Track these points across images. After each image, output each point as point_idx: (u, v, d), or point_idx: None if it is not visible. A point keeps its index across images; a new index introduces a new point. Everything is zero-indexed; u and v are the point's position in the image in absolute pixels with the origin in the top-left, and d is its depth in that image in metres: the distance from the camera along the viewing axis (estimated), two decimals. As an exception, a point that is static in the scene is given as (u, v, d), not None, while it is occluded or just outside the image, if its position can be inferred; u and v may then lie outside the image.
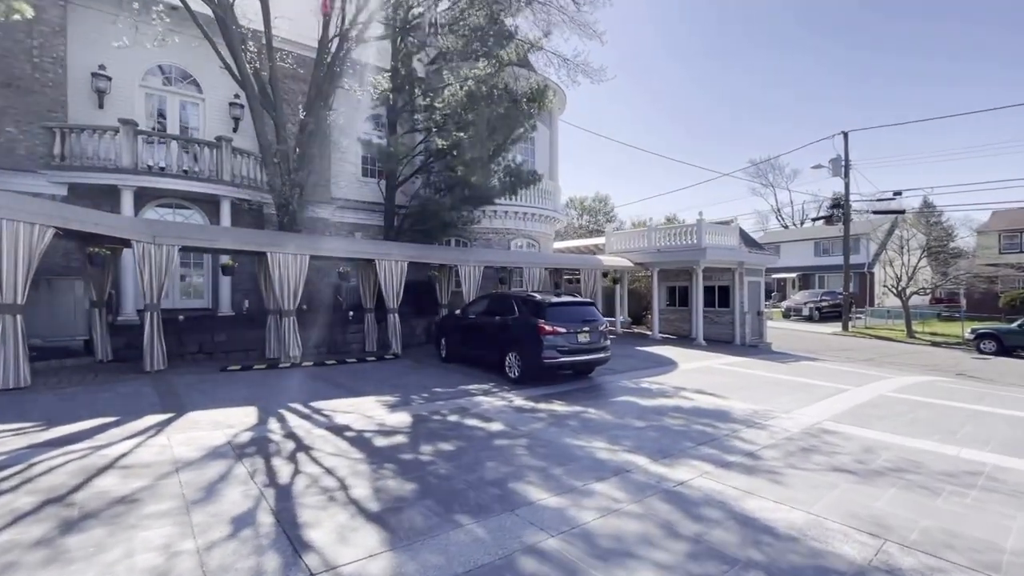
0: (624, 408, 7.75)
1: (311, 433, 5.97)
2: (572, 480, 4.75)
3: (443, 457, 5.29)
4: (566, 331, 9.07)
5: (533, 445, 5.80)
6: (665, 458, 5.46)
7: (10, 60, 11.42)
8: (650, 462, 5.32)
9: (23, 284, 7.31)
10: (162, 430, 5.84)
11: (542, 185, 18.71)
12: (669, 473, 5.02)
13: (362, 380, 9.45)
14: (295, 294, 10.95)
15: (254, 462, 4.92)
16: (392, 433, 6.11)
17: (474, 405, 7.67)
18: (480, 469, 4.95)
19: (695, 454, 5.63)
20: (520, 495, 4.35)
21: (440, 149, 14.25)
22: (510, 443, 5.85)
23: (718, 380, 10.35)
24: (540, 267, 15.54)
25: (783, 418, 7.37)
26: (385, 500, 4.15)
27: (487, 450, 5.55)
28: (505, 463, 5.15)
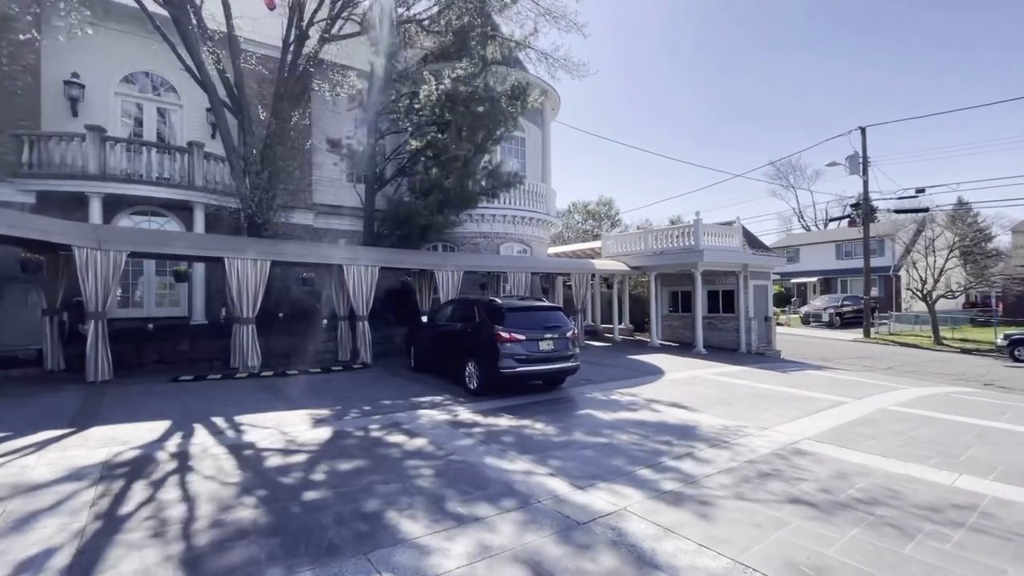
0: (577, 423, 6.98)
1: (206, 451, 5.40)
2: (464, 510, 4.04)
3: (334, 481, 4.64)
4: (525, 338, 8.34)
5: (446, 467, 5.11)
6: (590, 484, 4.70)
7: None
8: (570, 488, 4.57)
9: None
10: (44, 448, 5.37)
11: (534, 188, 18.07)
12: (585, 503, 4.26)
13: (311, 392, 8.90)
14: (254, 301, 10.53)
15: (110, 486, 4.37)
16: (296, 452, 5.49)
17: (412, 419, 7.02)
18: (365, 497, 4.28)
19: (629, 479, 4.84)
20: (390, 531, 3.67)
21: (417, 151, 13.76)
22: (421, 464, 5.17)
23: (701, 392, 9.45)
24: (525, 272, 14.83)
25: (755, 436, 6.48)
26: (220, 537, 3.52)
27: (389, 472, 4.89)
28: (400, 489, 4.47)
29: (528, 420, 7.09)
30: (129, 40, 13.31)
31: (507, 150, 18.21)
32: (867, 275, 25.61)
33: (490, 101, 13.64)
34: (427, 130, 13.50)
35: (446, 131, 13.30)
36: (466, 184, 13.60)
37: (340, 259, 11.69)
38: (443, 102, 13.31)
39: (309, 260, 11.64)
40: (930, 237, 24.93)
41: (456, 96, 13.27)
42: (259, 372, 10.49)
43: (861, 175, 25.48)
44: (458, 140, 13.31)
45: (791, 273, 41.92)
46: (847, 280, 36.52)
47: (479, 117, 13.10)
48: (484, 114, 13.21)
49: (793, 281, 41.32)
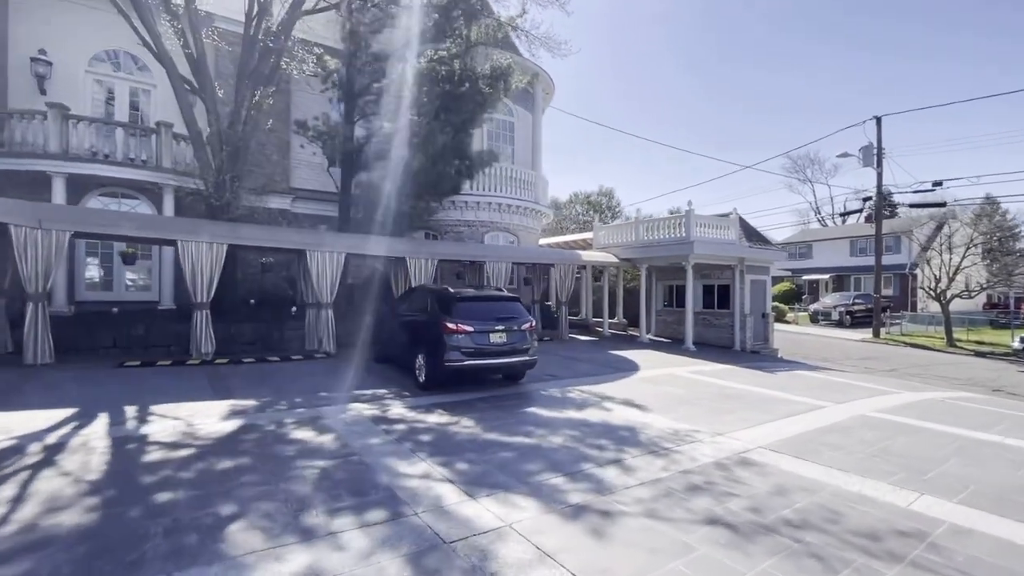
0: (515, 421, 6.43)
1: (86, 444, 5.00)
2: (321, 521, 3.54)
3: (200, 481, 4.19)
4: (474, 330, 7.80)
5: (337, 468, 4.62)
6: (488, 492, 4.16)
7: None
8: (461, 498, 4.04)
9: None
10: (-84, 434, 5.02)
11: (522, 175, 17.44)
12: (469, 516, 3.72)
13: (254, 381, 8.50)
14: (209, 286, 10.17)
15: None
16: (184, 447, 5.06)
17: (337, 414, 6.55)
18: (221, 502, 3.81)
19: (535, 488, 4.29)
20: (219, 545, 3.19)
21: (391, 134, 13.23)
22: (311, 464, 4.68)
23: (668, 391, 8.82)
24: (505, 261, 14.26)
25: (704, 443, 5.86)
26: (16, 545, 3.08)
27: (269, 473, 4.42)
28: (265, 493, 3.99)
29: (462, 417, 6.57)
30: (100, 16, 12.96)
31: (494, 135, 17.61)
32: (878, 272, 24.44)
33: (469, 82, 13.02)
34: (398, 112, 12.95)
35: (422, 113, 12.73)
36: (443, 169, 13.04)
37: (303, 244, 11.27)
38: (418, 82, 12.74)
39: (270, 245, 11.23)
40: (947, 234, 23.65)
41: (432, 76, 12.69)
42: (212, 359, 10.14)
43: (875, 167, 24.24)
44: (434, 122, 12.74)
45: (803, 269, 40.58)
46: (860, 278, 35.14)
47: (456, 98, 12.50)
48: (462, 95, 12.61)
49: (805, 278, 39.98)
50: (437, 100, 13.03)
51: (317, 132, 12.56)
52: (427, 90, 13.05)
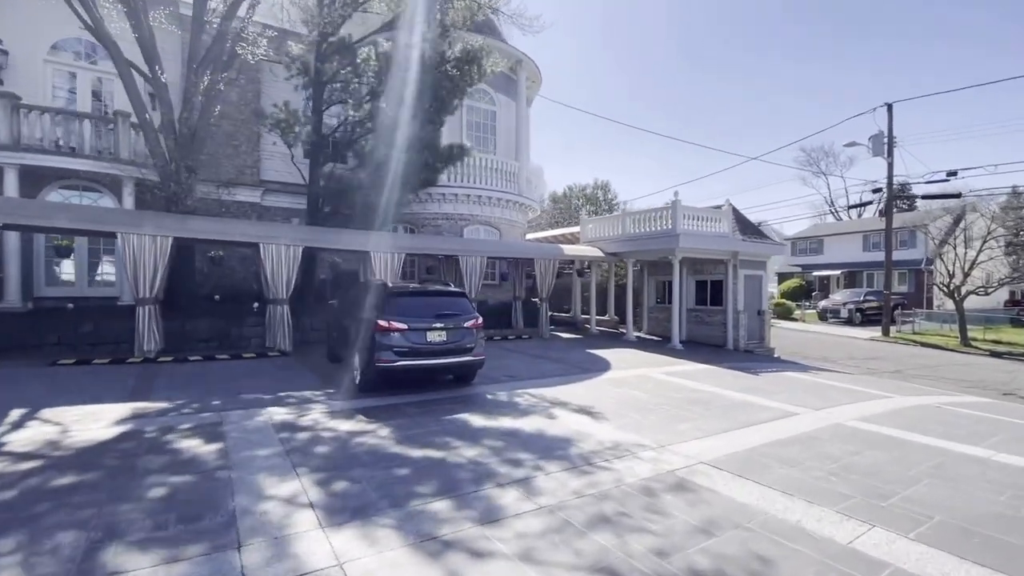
0: (436, 431, 5.79)
1: (-69, 454, 4.50)
2: (108, 559, 2.95)
3: (10, 503, 3.64)
4: (408, 328, 7.18)
5: (194, 486, 4.04)
6: (349, 520, 3.54)
7: None
8: (312, 526, 3.42)
9: None
10: None
11: (504, 166, 16.75)
12: (302, 552, 3.10)
13: (183, 382, 8.01)
14: (153, 280, 9.72)
15: None
16: (37, 457, 4.53)
17: (245, 419, 5.99)
18: (12, 530, 3.25)
19: (407, 515, 3.66)
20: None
21: (357, 122, 12.66)
22: (167, 479, 4.11)
23: (630, 395, 8.10)
24: (480, 256, 13.61)
25: (641, 458, 5.17)
26: None
27: (105, 492, 3.85)
28: (76, 521, 3.42)
29: (381, 425, 5.96)
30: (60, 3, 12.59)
31: (475, 124, 16.94)
32: (888, 267, 23.23)
33: (438, 66, 12.37)
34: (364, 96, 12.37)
35: (390, 100, 12.12)
36: (411, 159, 12.42)
37: (256, 237, 10.76)
38: (383, 67, 12.13)
39: (220, 238, 10.74)
40: (963, 227, 22.34)
41: (393, 60, 12.07)
42: (156, 357, 9.70)
43: (886, 157, 23.00)
44: (401, 109, 12.13)
45: (814, 265, 39.19)
46: (873, 274, 33.71)
47: (425, 84, 11.86)
48: (431, 81, 11.96)
49: (816, 274, 38.58)
50: (405, 86, 12.40)
51: (275, 120, 12.02)
52: (395, 76, 12.44)
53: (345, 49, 12.81)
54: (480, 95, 16.98)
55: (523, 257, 15.00)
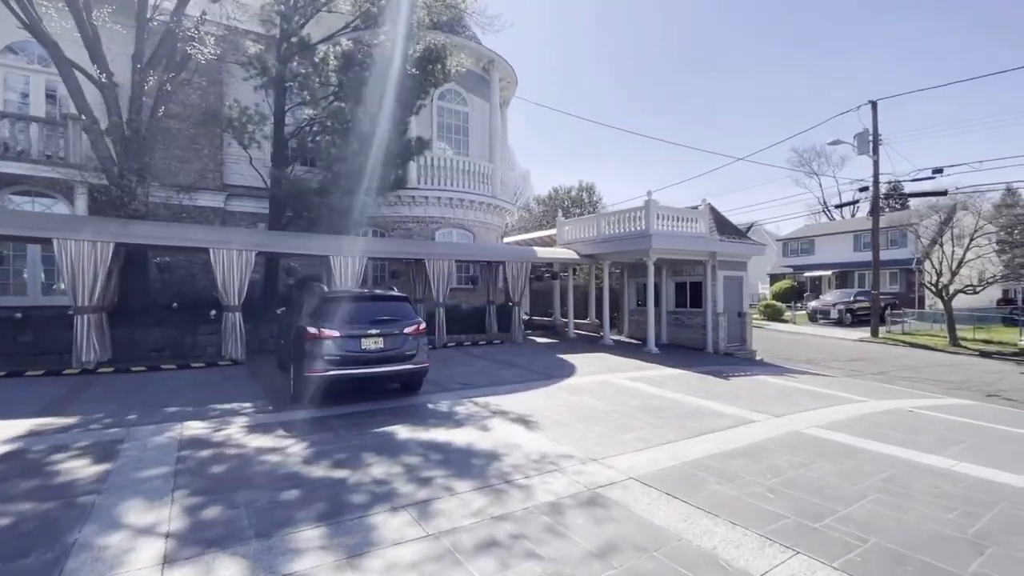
0: (354, 446, 5.38)
1: None
2: None
3: None
4: (340, 335, 6.77)
5: (47, 512, 3.63)
6: (196, 553, 3.12)
7: None
8: (153, 562, 3.01)
9: None
10: None
11: (477, 168, 16.40)
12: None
13: (113, 394, 7.61)
14: (92, 288, 9.32)
15: None
16: None
17: (150, 435, 5.57)
18: None
19: (268, 547, 3.24)
20: None
21: (313, 120, 12.32)
22: (12, 509, 3.69)
23: (583, 403, 7.69)
24: (447, 259, 13.23)
25: (565, 472, 4.76)
26: None
27: (-61, 526, 3.44)
28: None
29: (296, 440, 5.55)
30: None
31: (445, 126, 16.59)
32: (876, 267, 22.85)
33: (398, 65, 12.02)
34: (324, 97, 12.02)
35: (348, 100, 11.78)
36: (368, 160, 12.05)
37: (205, 242, 10.38)
38: (340, 65, 11.79)
39: (167, 243, 10.35)
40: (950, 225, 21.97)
41: (353, 58, 11.73)
42: (95, 368, 9.29)
43: (871, 155, 22.67)
44: (358, 109, 11.78)
45: (805, 266, 38.81)
46: (864, 274, 33.28)
47: (374, 81, 11.50)
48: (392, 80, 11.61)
49: (807, 275, 38.19)
50: (367, 86, 12.06)
51: (227, 120, 11.65)
52: (356, 76, 12.09)
53: (306, 49, 12.47)
54: (452, 96, 16.65)
55: (493, 260, 14.61)
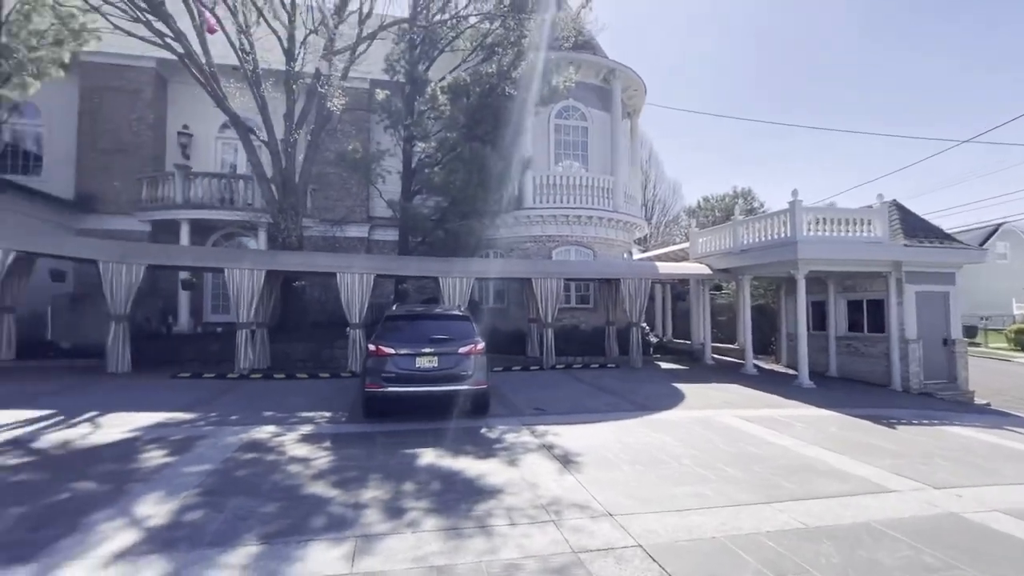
0: (375, 465, 5.34)
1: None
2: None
3: (-41, 494, 4.30)
4: (396, 352, 6.90)
5: (80, 493, 4.30)
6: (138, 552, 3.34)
7: (115, 130, 15.15)
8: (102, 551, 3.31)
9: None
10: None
11: (596, 182, 15.72)
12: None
13: (241, 397, 8.98)
14: (250, 307, 11.27)
15: None
16: (37, 454, 5.37)
17: (229, 435, 6.34)
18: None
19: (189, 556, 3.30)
20: None
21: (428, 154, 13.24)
22: (63, 485, 4.46)
23: (656, 442, 6.50)
24: (554, 278, 12.82)
25: (562, 525, 3.99)
26: None
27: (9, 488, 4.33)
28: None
29: (330, 453, 5.75)
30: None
31: (562, 142, 16.32)
32: None
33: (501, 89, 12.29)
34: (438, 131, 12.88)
35: (452, 129, 12.45)
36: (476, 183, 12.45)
37: (334, 267, 11.81)
38: (450, 98, 12.52)
39: (303, 269, 12.05)
40: None
41: (462, 90, 12.35)
42: (249, 374, 11.13)
43: None
44: (463, 137, 12.33)
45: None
46: None
47: (479, 108, 11.89)
48: (486, 105, 11.94)
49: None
50: (473, 115, 12.60)
51: (351, 161, 13.21)
52: (463, 106, 12.73)
53: (423, 86, 13.59)
54: (570, 112, 16.39)
55: (608, 278, 13.69)
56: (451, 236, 13.58)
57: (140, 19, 11.18)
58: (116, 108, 15.42)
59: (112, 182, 15.12)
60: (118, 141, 15.30)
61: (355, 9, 12.64)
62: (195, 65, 11.64)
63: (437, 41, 14.35)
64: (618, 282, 13.60)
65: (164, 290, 14.69)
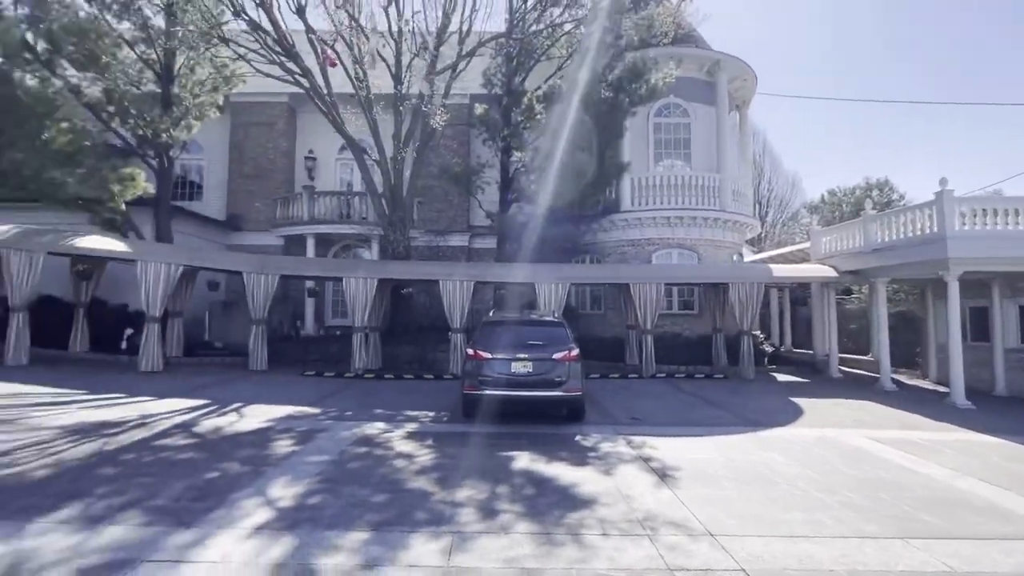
0: (470, 466, 5.56)
1: (133, 420, 6.82)
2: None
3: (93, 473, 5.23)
4: (492, 357, 7.11)
5: (228, 471, 4.99)
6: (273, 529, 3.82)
7: (256, 158, 17.43)
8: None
9: (160, 301, 11.10)
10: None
11: (699, 181, 14.91)
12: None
13: (356, 395, 9.83)
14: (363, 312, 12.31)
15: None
16: (194, 436, 6.34)
17: (344, 429, 6.98)
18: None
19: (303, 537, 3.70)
20: (38, 515, 3.97)
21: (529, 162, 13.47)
22: (212, 465, 5.20)
23: (765, 460, 5.98)
24: (654, 283, 12.35)
25: (656, 543, 3.84)
26: None
27: (180, 466, 5.14)
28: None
29: (431, 451, 6.08)
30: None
31: (661, 141, 15.69)
32: None
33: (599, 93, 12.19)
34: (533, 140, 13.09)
35: (548, 137, 12.59)
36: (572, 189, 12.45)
37: (436, 275, 12.49)
38: (545, 106, 12.68)
39: (409, 277, 12.86)
40: None
41: (555, 97, 12.45)
42: (363, 374, 12.14)
43: None
44: (563, 144, 12.40)
45: None
46: None
47: (575, 114, 11.88)
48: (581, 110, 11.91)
49: None
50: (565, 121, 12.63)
51: (453, 174, 13.85)
52: (556, 113, 12.83)
53: (519, 97, 13.92)
54: (671, 109, 15.73)
55: (714, 282, 12.88)
56: (546, 242, 13.70)
57: (275, 61, 12.81)
58: (257, 139, 17.81)
59: (254, 203, 17.47)
60: (258, 167, 17.65)
61: (455, 30, 13.29)
62: (318, 96, 13.04)
63: (533, 51, 14.60)
64: (726, 286, 12.75)
65: (293, 297, 16.58)
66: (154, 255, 11.57)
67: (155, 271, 11.18)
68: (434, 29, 13.36)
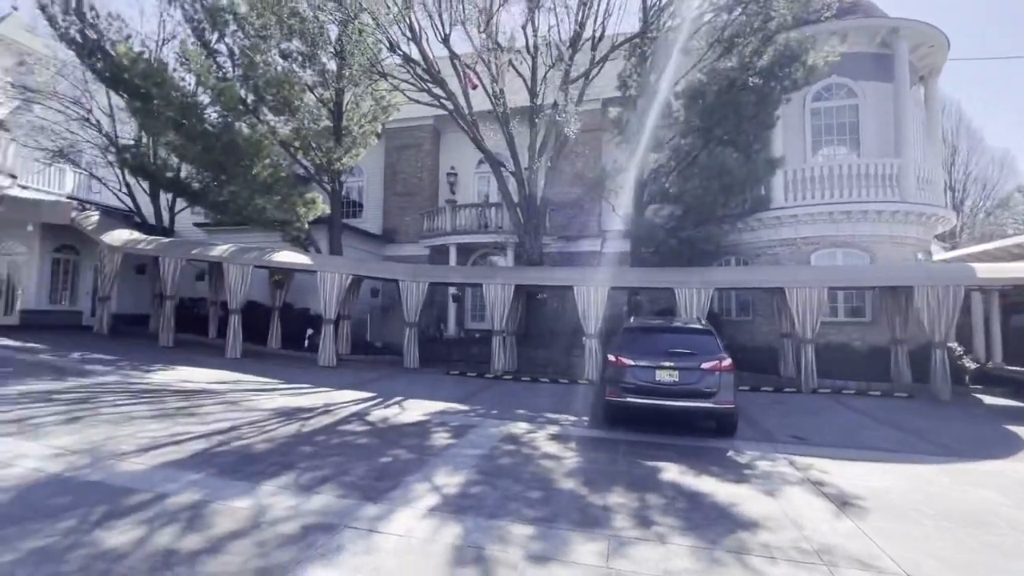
0: (614, 472, 5.53)
1: (322, 408, 7.90)
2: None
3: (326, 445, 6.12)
4: (634, 364, 6.97)
5: (402, 456, 5.61)
6: (446, 512, 4.24)
7: (406, 177, 19.28)
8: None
9: (335, 306, 12.86)
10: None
11: (870, 170, 12.98)
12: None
13: (498, 396, 10.34)
14: (502, 317, 12.92)
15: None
16: (367, 424, 7.22)
17: (492, 426, 7.40)
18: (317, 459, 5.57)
19: (471, 523, 4.01)
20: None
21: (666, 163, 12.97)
22: (384, 450, 5.85)
23: (974, 497, 4.99)
24: (815, 287, 11.04)
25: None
26: (221, 451, 5.71)
27: (351, 449, 5.89)
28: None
29: (575, 455, 6.17)
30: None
31: (822, 127, 13.95)
32: None
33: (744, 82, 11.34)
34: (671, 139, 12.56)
35: (687, 135, 12.02)
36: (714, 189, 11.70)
37: (569, 281, 12.63)
38: (685, 103, 12.13)
39: (542, 283, 13.15)
40: None
41: (695, 92, 11.83)
42: (501, 375, 12.73)
43: None
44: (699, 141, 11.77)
45: None
46: None
47: (718, 108, 11.16)
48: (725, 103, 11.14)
49: None
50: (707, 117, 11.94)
51: (584, 180, 13.83)
52: (697, 109, 12.18)
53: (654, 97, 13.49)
54: (833, 91, 13.94)
55: (890, 285, 11.09)
56: (685, 245, 13.04)
57: (424, 88, 14.14)
58: (407, 159, 19.76)
59: (404, 218, 19.39)
60: (408, 185, 19.57)
61: (588, 36, 13.38)
62: (461, 117, 14.07)
63: (669, 47, 14.06)
64: (909, 290, 10.91)
65: (438, 302, 18.00)
66: (330, 266, 13.48)
67: (331, 280, 13.03)
68: (567, 39, 13.60)
